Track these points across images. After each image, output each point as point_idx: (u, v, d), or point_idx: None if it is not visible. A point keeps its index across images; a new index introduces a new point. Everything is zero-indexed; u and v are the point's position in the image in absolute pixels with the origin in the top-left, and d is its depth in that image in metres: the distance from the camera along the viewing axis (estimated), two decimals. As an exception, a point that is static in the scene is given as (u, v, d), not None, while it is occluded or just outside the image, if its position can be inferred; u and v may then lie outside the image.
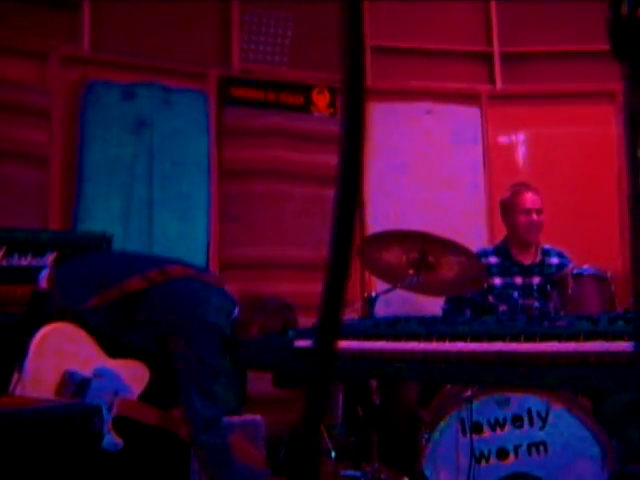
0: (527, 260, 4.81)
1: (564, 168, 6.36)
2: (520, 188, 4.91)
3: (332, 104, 6.27)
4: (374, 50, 6.34)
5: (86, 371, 3.22)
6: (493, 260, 4.80)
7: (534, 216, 4.78)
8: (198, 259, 5.67)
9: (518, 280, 4.74)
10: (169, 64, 5.76)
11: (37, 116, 5.20)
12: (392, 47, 6.38)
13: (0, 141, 5.07)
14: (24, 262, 4.04)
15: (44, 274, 3.59)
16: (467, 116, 6.54)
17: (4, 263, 4.19)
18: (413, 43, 6.43)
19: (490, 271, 4.71)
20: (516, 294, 4.64)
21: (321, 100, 6.23)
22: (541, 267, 4.78)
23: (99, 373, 3.27)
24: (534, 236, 4.82)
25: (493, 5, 6.67)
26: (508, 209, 4.89)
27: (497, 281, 4.73)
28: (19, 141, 5.12)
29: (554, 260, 4.81)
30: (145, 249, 5.32)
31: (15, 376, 3.06)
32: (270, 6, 6.17)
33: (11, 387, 3.06)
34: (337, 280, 0.81)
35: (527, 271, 4.76)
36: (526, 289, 4.64)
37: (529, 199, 4.83)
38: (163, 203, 5.56)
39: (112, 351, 3.34)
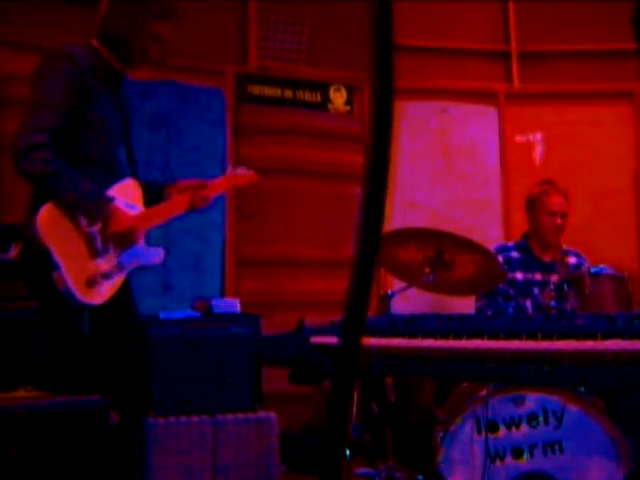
0: (547, 257, 4.81)
1: (581, 167, 6.34)
2: (550, 189, 4.87)
3: (349, 102, 6.27)
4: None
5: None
6: (515, 255, 4.81)
7: (558, 220, 4.77)
8: (215, 256, 5.69)
9: (538, 276, 4.74)
10: (186, 61, 5.76)
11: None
12: (408, 45, 6.37)
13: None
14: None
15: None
16: (484, 115, 6.53)
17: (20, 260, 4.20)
18: (430, 41, 6.43)
19: (512, 265, 4.72)
20: (536, 290, 4.65)
21: (338, 98, 6.23)
22: (560, 265, 4.77)
23: None
24: (555, 238, 4.81)
25: (511, 4, 6.66)
26: (534, 206, 4.87)
27: (519, 275, 4.73)
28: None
29: (572, 259, 4.80)
30: (161, 245, 5.33)
31: (55, 275, 3.04)
32: (287, 3, 6.18)
33: (61, 285, 3.04)
34: (363, 278, 0.81)
35: (546, 268, 4.76)
36: (544, 286, 4.64)
37: (556, 202, 4.80)
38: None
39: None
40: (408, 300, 4.93)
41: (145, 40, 3.42)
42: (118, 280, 3.32)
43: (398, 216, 6.09)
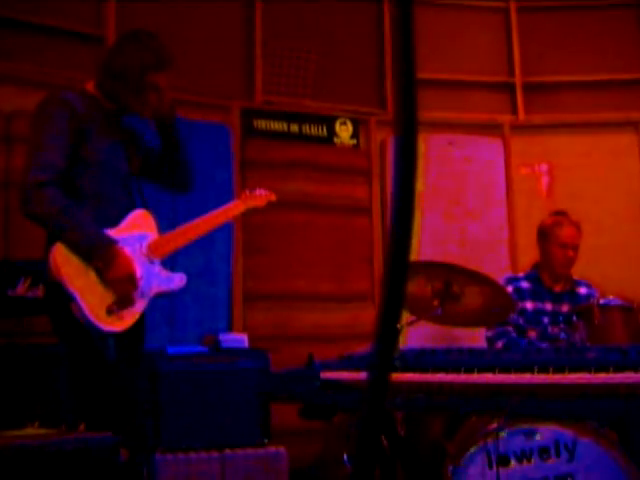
0: (557, 287, 4.79)
1: (587, 198, 6.33)
2: (562, 220, 4.83)
3: (355, 135, 6.29)
4: (395, 82, 6.36)
5: None
6: (525, 285, 4.78)
7: (570, 252, 4.74)
8: (222, 291, 5.68)
9: (548, 306, 4.72)
10: (192, 97, 5.79)
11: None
12: (414, 78, 6.40)
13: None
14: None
15: None
16: (489, 147, 6.54)
17: (29, 294, 4.21)
18: (435, 74, 6.45)
19: (522, 294, 4.70)
20: (546, 320, 4.63)
21: (344, 131, 6.25)
22: (571, 295, 4.75)
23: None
24: (565, 270, 4.79)
25: (515, 35, 6.68)
26: (545, 237, 4.83)
27: (528, 305, 4.71)
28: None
29: (583, 290, 4.78)
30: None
31: (72, 306, 3.15)
32: (293, 38, 6.21)
33: (78, 314, 3.15)
34: (391, 312, 0.80)
35: (557, 298, 4.74)
36: (555, 316, 4.62)
37: (568, 234, 4.77)
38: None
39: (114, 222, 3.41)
40: (417, 333, 4.91)
41: (141, 92, 3.46)
42: (140, 306, 3.38)
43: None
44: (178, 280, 3.59)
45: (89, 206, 3.32)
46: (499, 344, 4.58)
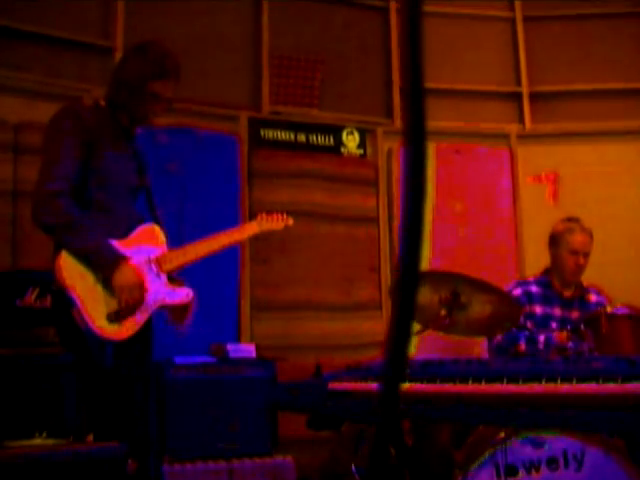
0: (567, 293, 4.77)
1: (594, 207, 6.32)
2: (575, 226, 4.80)
3: (362, 145, 6.29)
4: (404, 91, 6.38)
5: None
6: (534, 289, 4.76)
7: (581, 259, 4.72)
8: (230, 300, 5.68)
9: (557, 311, 4.70)
10: (200, 107, 5.80)
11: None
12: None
13: (31, 184, 5.11)
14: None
15: None
16: (496, 156, 6.54)
17: (37, 305, 4.21)
18: (442, 84, 6.45)
19: (531, 298, 4.68)
20: (554, 325, 4.61)
21: (351, 141, 6.26)
22: (581, 302, 4.73)
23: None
24: (575, 277, 4.77)
25: (521, 45, 6.69)
26: (557, 243, 4.80)
27: (538, 309, 4.69)
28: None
29: (593, 297, 4.76)
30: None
31: (74, 312, 3.18)
32: (300, 49, 6.23)
33: (79, 321, 3.19)
34: (402, 324, 0.81)
35: (566, 303, 4.72)
36: (564, 322, 4.60)
37: (580, 241, 4.74)
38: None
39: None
40: (424, 342, 4.90)
41: (145, 101, 3.48)
42: (141, 317, 3.38)
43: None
44: (184, 295, 3.59)
45: (98, 218, 3.34)
46: (498, 338, 4.56)
